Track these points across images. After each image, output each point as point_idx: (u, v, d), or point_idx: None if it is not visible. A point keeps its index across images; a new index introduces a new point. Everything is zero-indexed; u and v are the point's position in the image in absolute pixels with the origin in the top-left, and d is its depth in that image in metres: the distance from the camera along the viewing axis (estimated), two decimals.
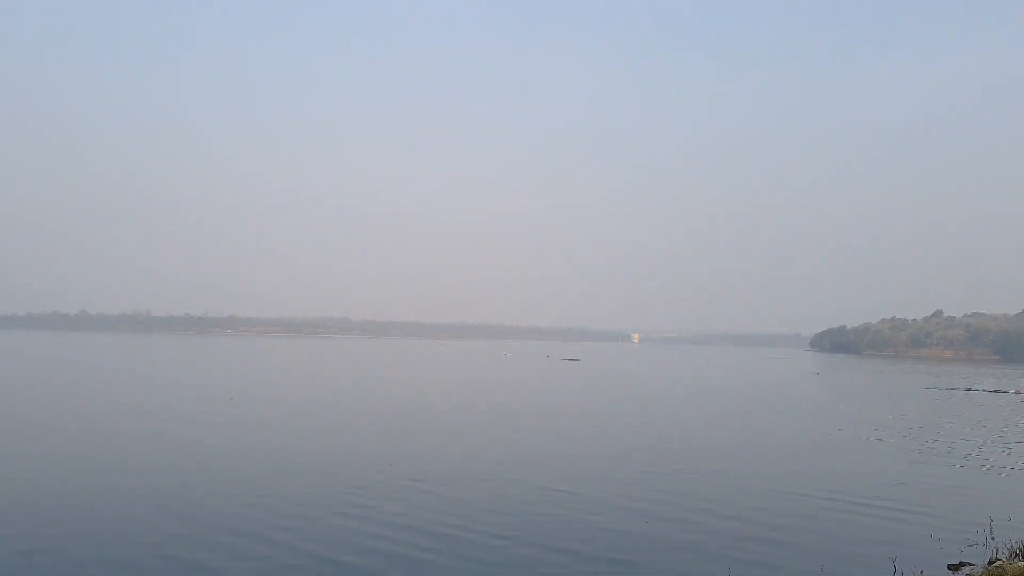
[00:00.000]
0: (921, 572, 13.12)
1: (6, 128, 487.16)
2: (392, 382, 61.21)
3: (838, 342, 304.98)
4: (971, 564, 13.92)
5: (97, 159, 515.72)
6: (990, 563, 13.36)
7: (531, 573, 12.86)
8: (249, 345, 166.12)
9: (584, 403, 46.59)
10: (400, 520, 16.02)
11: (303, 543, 14.13)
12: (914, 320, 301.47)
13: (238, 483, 19.25)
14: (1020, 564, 12.12)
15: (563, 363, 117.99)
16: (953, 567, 13.91)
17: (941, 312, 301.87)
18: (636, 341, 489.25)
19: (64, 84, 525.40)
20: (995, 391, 70.40)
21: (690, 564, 13.62)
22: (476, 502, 17.84)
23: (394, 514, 16.52)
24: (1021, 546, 14.19)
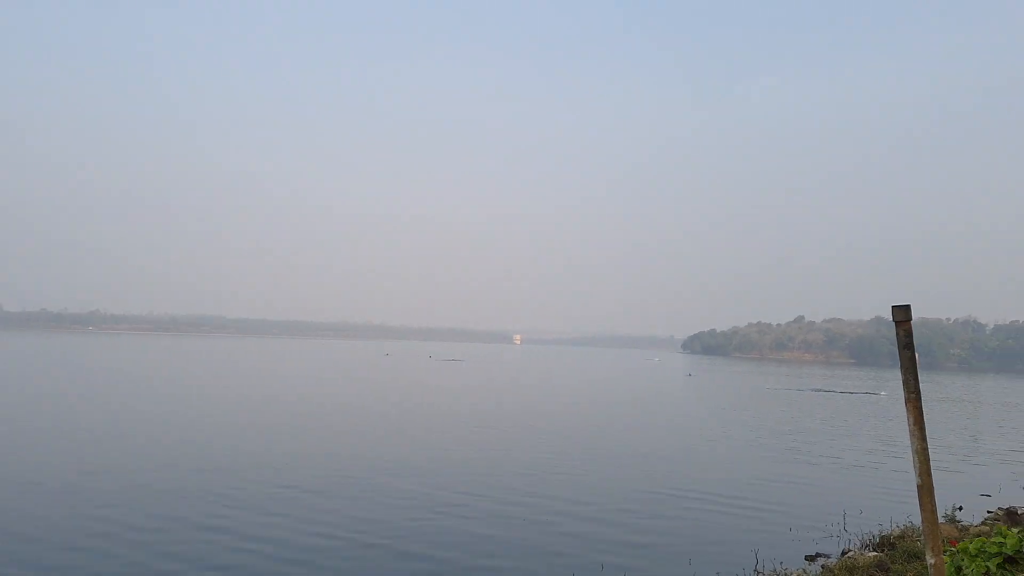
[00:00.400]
0: (781, 563, 13.51)
1: None
2: (258, 383, 58.78)
3: (708, 345, 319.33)
4: (826, 555, 14.49)
5: None
6: (843, 554, 13.92)
7: None
8: (99, 344, 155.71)
9: (462, 404, 46.24)
10: (260, 531, 15.08)
11: (151, 560, 13.01)
12: (778, 324, 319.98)
13: (70, 494, 17.64)
14: (871, 554, 12.63)
15: (446, 363, 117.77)
16: (810, 558, 14.44)
17: (803, 317, 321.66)
18: (518, 342, 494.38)
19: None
20: (851, 392, 75.36)
21: (560, 566, 13.47)
22: (343, 509, 17.09)
23: (253, 524, 15.54)
24: (871, 537, 14.90)
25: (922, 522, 4.78)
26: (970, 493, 20.81)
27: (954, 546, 9.21)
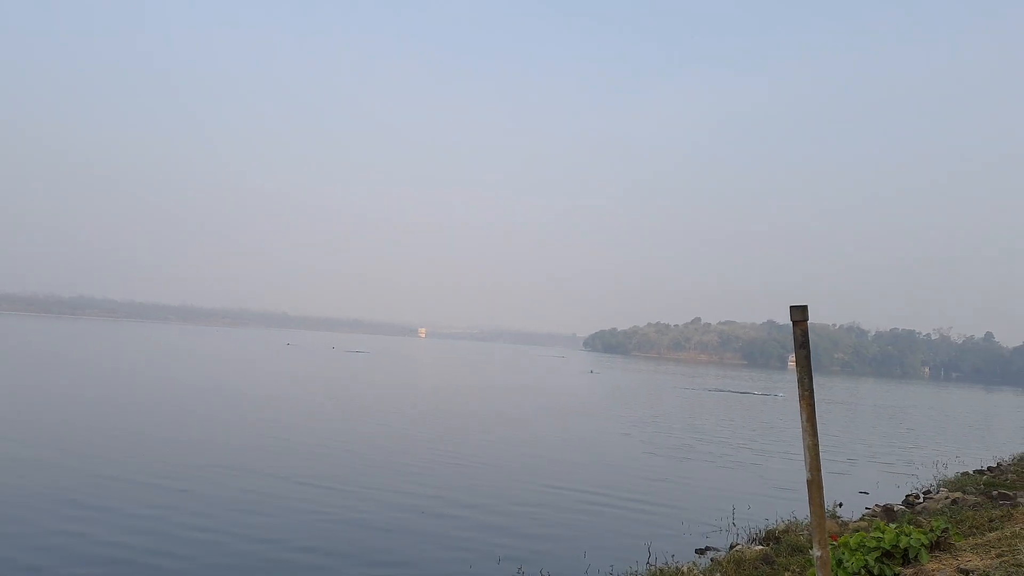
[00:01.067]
0: (672, 556, 13.87)
1: None
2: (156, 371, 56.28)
3: (609, 343, 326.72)
4: (715, 549, 14.97)
5: None
6: (731, 547, 14.39)
7: None
8: None
9: (363, 395, 45.56)
10: (141, 524, 14.36)
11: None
12: (676, 325, 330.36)
13: None
14: (757, 548, 13.08)
15: (351, 354, 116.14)
16: (700, 551, 14.89)
17: (699, 319, 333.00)
18: (422, 335, 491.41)
19: None
20: (749, 392, 78.56)
21: (456, 560, 13.41)
22: (233, 501, 16.48)
23: (134, 516, 14.79)
24: (758, 532, 15.48)
25: (810, 516, 4.93)
26: (849, 491, 21.93)
27: (835, 540, 9.64)
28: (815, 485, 4.87)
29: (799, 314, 4.91)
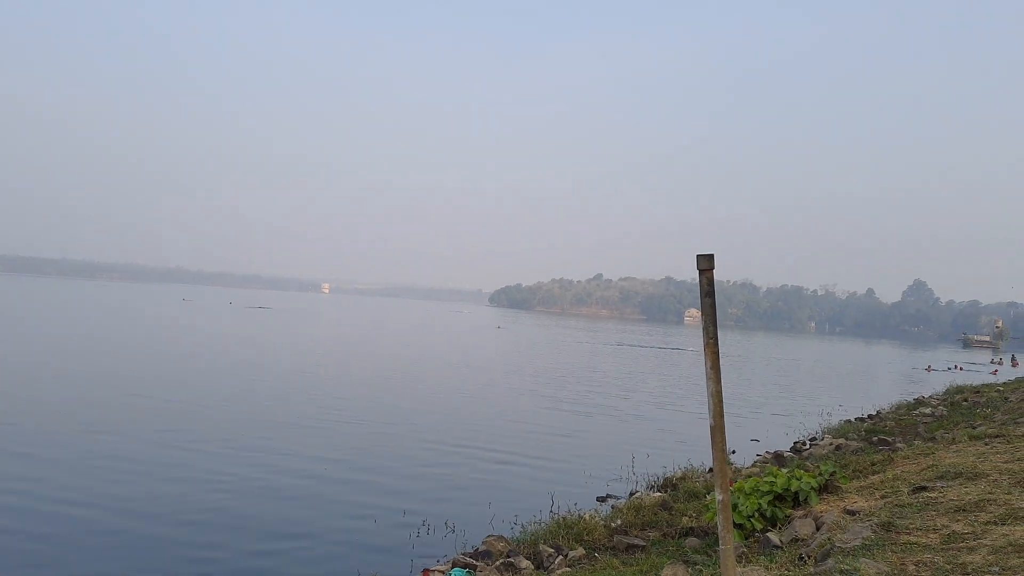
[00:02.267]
0: (575, 504, 14.22)
1: None
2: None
3: (514, 299, 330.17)
4: (616, 496, 15.41)
5: None
6: (631, 495, 14.83)
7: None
8: None
9: (263, 353, 44.38)
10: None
11: None
12: (578, 281, 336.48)
13: None
14: (655, 495, 13.49)
15: (253, 310, 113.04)
16: (601, 499, 15.30)
17: (601, 275, 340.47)
18: (326, 291, 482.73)
19: None
20: (658, 347, 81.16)
21: (359, 517, 13.29)
22: (99, 471, 15.76)
23: None
24: (656, 479, 16.00)
25: (713, 461, 5.02)
26: (741, 439, 22.94)
27: (731, 486, 10.01)
28: (718, 431, 4.95)
29: (705, 262, 4.93)
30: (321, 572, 10.65)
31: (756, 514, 8.86)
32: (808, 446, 19.96)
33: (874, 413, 27.15)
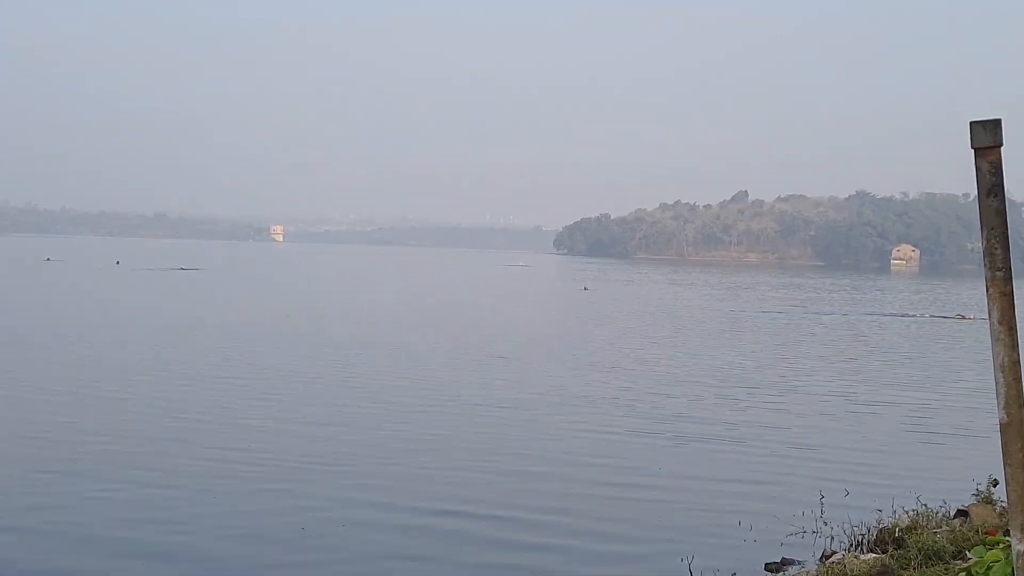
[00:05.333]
0: (734, 574, 14.28)
1: None
2: None
3: (597, 239, 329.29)
4: (796, 561, 15.44)
5: None
6: (824, 558, 14.76)
7: None
8: None
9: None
10: None
11: None
12: (707, 206, 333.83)
13: None
14: (867, 557, 13.42)
15: (139, 276, 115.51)
16: (772, 568, 15.30)
17: (745, 193, 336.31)
18: (279, 238, 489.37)
19: None
20: (831, 312, 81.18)
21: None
22: None
23: None
24: (864, 531, 15.88)
25: (1007, 483, 4.88)
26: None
27: (993, 536, 9.82)
28: (1014, 430, 4.80)
29: (988, 135, 4.72)
30: None
31: None
32: None
33: None
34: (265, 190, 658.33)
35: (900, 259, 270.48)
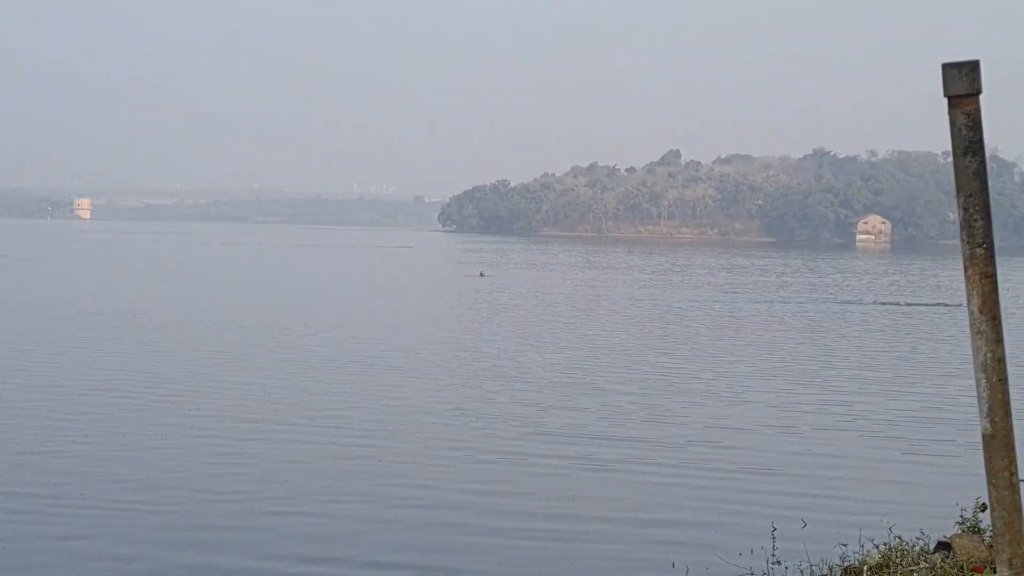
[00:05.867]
0: None
1: None
2: None
3: (493, 213, 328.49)
4: None
5: None
6: None
7: None
8: None
9: None
10: None
11: None
12: (630, 170, 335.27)
13: None
14: None
15: None
16: None
17: (678, 154, 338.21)
18: (84, 215, 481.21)
19: None
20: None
21: None
22: None
23: None
24: (826, 570, 16.18)
25: (993, 509, 4.99)
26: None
27: (980, 573, 10.15)
28: (999, 443, 4.91)
29: (964, 81, 4.81)
30: None
31: None
32: None
33: None
34: (67, 156, 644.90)
35: (867, 233, 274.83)
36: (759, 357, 49.29)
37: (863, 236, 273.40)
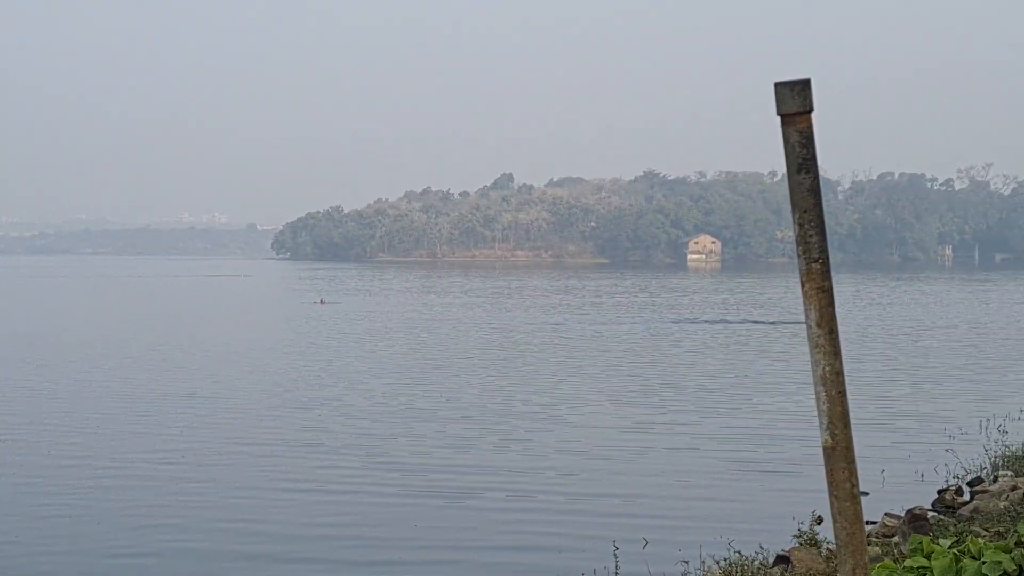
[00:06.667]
0: None
1: None
2: None
3: (328, 240, 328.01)
4: None
5: None
6: None
7: None
8: None
9: None
10: None
11: None
12: (463, 194, 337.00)
13: None
14: None
15: None
16: None
17: (510, 177, 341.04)
18: None
19: None
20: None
21: None
22: None
23: None
24: None
25: (835, 521, 5.03)
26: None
27: None
28: (839, 455, 4.96)
29: (796, 97, 4.86)
30: None
31: None
32: (967, 495, 20.67)
33: None
34: None
35: (698, 253, 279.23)
36: (596, 379, 49.66)
37: (694, 256, 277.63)
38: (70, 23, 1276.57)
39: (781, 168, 4.84)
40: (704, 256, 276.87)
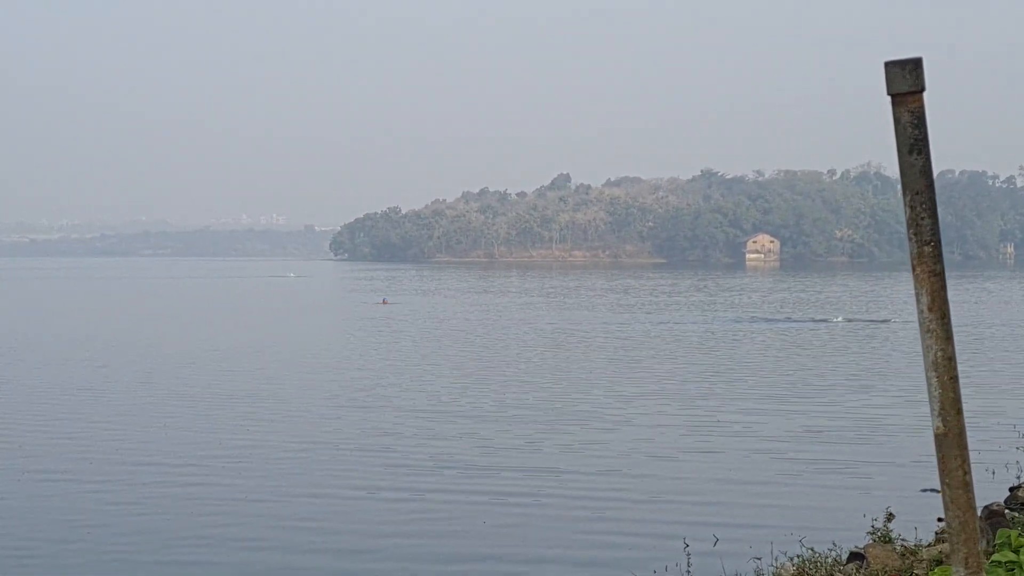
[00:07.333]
0: None
1: None
2: None
3: (385, 240, 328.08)
4: None
5: None
6: None
7: None
8: None
9: None
10: None
11: None
12: (521, 194, 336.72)
13: None
14: None
15: None
16: None
17: (567, 177, 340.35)
18: None
19: None
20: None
21: None
22: None
23: None
24: None
25: (946, 509, 4.94)
26: (905, 488, 23.55)
27: None
28: (952, 441, 4.86)
29: (908, 78, 4.77)
30: None
31: None
32: None
33: None
34: None
35: (757, 252, 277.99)
36: (658, 380, 49.65)
37: (752, 255, 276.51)
38: (133, 30, 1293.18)
39: (840, 166, 4.79)
40: (763, 255, 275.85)
